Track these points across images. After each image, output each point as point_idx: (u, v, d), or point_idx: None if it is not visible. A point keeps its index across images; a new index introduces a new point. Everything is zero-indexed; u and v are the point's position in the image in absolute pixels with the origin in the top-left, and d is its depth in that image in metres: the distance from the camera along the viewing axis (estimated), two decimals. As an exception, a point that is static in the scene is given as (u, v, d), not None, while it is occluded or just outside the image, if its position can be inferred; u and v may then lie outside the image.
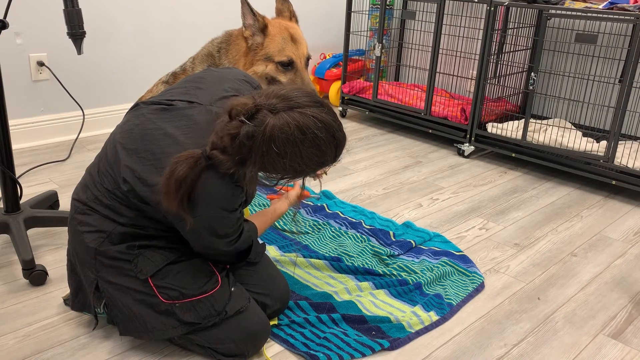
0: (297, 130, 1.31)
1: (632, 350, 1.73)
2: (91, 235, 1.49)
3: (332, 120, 1.38)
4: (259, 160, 1.34)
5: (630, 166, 2.79)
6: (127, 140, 1.47)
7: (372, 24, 4.22)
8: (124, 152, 1.45)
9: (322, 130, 1.34)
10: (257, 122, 1.32)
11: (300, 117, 1.32)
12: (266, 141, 1.31)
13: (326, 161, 1.41)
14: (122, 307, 1.50)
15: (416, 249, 2.23)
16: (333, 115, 1.40)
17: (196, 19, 3.61)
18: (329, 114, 1.39)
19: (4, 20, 1.87)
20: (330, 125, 1.37)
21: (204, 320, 1.49)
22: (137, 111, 1.53)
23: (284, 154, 1.32)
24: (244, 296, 1.56)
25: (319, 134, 1.34)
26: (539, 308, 1.92)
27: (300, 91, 1.39)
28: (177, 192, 1.32)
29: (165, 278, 1.48)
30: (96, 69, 3.29)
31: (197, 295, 1.49)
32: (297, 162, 1.35)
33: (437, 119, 3.52)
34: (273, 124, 1.31)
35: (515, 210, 2.67)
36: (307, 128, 1.32)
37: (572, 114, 3.50)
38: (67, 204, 2.44)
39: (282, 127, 1.31)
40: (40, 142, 3.15)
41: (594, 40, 2.76)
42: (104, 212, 1.48)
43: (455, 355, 1.66)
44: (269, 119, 1.31)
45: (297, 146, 1.32)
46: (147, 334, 1.50)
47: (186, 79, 1.62)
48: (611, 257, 2.28)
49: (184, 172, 1.31)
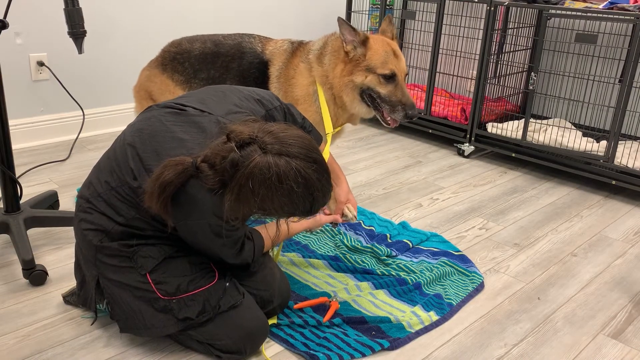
0: (275, 176, 1.33)
1: (632, 350, 1.73)
2: (92, 232, 1.53)
3: (316, 178, 1.38)
4: (235, 190, 1.36)
5: (630, 166, 2.79)
6: (136, 139, 1.51)
7: (372, 24, 4.22)
8: (132, 151, 1.49)
9: (301, 185, 1.35)
10: (244, 154, 1.34)
11: (284, 165, 1.33)
12: (245, 175, 1.33)
13: (297, 213, 1.43)
14: (122, 304, 1.53)
15: (414, 249, 2.23)
16: (320, 174, 1.40)
17: (196, 19, 3.60)
18: (317, 171, 1.39)
19: (4, 20, 1.87)
20: (312, 183, 1.37)
21: (198, 317, 1.51)
22: (149, 112, 1.58)
23: (257, 193, 1.34)
24: (238, 291, 1.58)
25: (296, 188, 1.35)
26: (539, 308, 1.92)
27: (299, 141, 1.39)
28: (160, 195, 1.36)
29: (163, 273, 1.51)
30: (96, 69, 3.29)
31: (193, 290, 1.51)
32: (267, 205, 1.37)
33: (437, 119, 3.52)
34: (256, 162, 1.32)
35: (515, 210, 2.67)
36: (285, 178, 1.33)
37: (572, 114, 3.50)
38: (67, 204, 2.44)
39: (263, 169, 1.32)
40: (40, 142, 3.15)
41: (594, 40, 2.76)
42: (103, 209, 1.52)
43: (455, 355, 1.66)
44: (256, 156, 1.33)
45: (271, 191, 1.34)
46: (146, 330, 1.53)
47: (205, 88, 1.67)
48: (611, 257, 2.28)
49: (170, 177, 1.35)
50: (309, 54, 2.09)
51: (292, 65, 2.11)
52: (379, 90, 1.91)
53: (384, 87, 1.91)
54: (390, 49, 1.93)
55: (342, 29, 1.90)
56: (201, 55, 2.18)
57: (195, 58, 2.18)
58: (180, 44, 2.24)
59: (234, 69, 2.16)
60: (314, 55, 2.09)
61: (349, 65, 1.97)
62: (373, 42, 1.93)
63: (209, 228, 1.43)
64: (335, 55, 2.01)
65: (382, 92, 1.91)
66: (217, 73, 2.17)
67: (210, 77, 2.18)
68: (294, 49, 2.14)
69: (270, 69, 2.14)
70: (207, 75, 2.18)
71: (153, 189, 1.36)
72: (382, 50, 1.90)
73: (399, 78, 1.93)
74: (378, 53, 1.90)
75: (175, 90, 2.22)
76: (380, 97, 1.92)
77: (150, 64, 2.27)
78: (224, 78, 2.17)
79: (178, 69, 2.20)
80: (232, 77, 2.16)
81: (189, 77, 2.20)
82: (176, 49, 2.22)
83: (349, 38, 1.90)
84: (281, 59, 2.13)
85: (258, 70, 2.14)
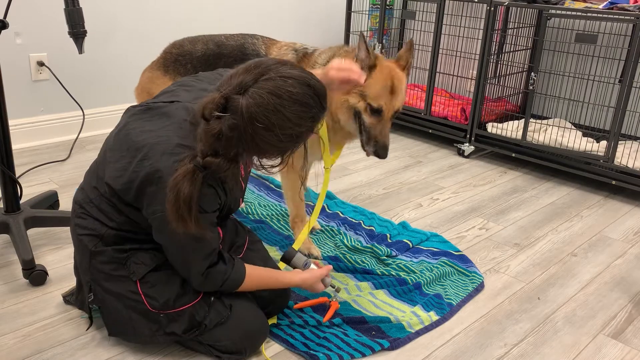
0: (270, 96, 1.27)
1: (632, 350, 1.73)
2: (87, 237, 1.52)
3: (299, 72, 1.34)
4: (251, 145, 1.31)
5: (630, 166, 2.79)
6: (111, 142, 1.50)
7: (372, 24, 4.22)
8: (109, 154, 1.48)
9: (295, 85, 1.30)
10: (232, 111, 1.29)
11: (267, 83, 1.29)
12: (249, 123, 1.27)
13: (315, 114, 1.36)
14: (112, 310, 1.53)
15: (414, 249, 2.23)
16: (299, 68, 1.35)
17: (196, 19, 3.61)
18: (294, 67, 1.34)
19: (4, 20, 1.87)
20: (300, 77, 1.32)
21: (184, 333, 1.50)
22: (125, 114, 1.56)
23: (271, 125, 1.29)
24: (224, 305, 1.54)
25: (294, 90, 1.30)
26: (539, 308, 1.92)
27: (253, 62, 1.34)
28: (189, 212, 1.30)
29: (153, 286, 1.50)
30: (96, 69, 3.29)
31: (179, 307, 1.49)
32: (288, 127, 1.31)
33: (437, 119, 3.52)
34: (246, 104, 1.27)
35: (515, 210, 2.67)
36: (279, 89, 1.28)
37: (572, 114, 3.50)
38: (67, 204, 2.44)
39: (256, 101, 1.27)
40: (40, 142, 3.15)
41: (594, 40, 2.76)
42: (96, 215, 1.51)
43: (455, 355, 1.66)
44: (241, 101, 1.28)
45: (279, 111, 1.29)
46: (134, 337, 1.54)
47: (179, 82, 1.62)
48: (611, 257, 2.28)
49: (188, 189, 1.29)
50: (315, 67, 2.07)
51: None
52: (364, 118, 1.92)
53: (369, 117, 1.91)
54: (391, 83, 1.90)
55: (360, 45, 1.89)
56: (203, 56, 2.17)
57: (198, 60, 2.17)
58: (182, 45, 2.23)
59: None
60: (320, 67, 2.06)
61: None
62: (377, 71, 1.90)
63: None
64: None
65: (366, 122, 1.92)
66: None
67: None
68: (298, 58, 2.12)
69: None
70: None
71: (180, 211, 1.30)
72: (381, 83, 1.89)
73: (386, 115, 1.91)
74: (376, 85, 1.89)
75: None
76: (364, 125, 1.93)
77: (151, 66, 2.26)
78: None
79: (180, 70, 2.19)
80: None
81: None
82: (178, 50, 2.21)
83: (362, 56, 1.90)
84: None
85: None
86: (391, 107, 1.92)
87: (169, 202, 1.30)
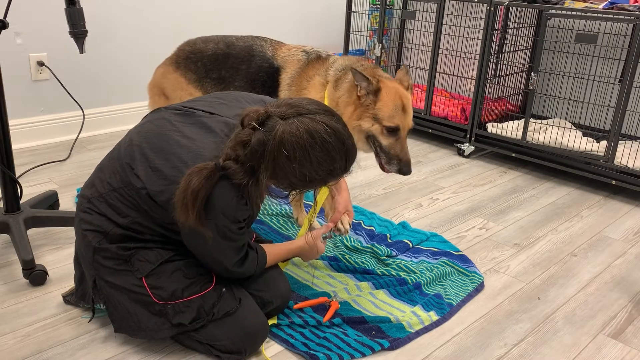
0: (306, 134, 1.35)
1: (632, 350, 1.73)
2: (91, 233, 1.53)
3: (341, 128, 1.41)
4: (270, 166, 1.37)
5: (630, 166, 2.79)
6: (143, 140, 1.51)
7: (372, 24, 4.22)
8: (138, 151, 1.49)
9: (332, 135, 1.38)
10: (268, 128, 1.36)
11: (309, 122, 1.36)
12: (277, 145, 1.34)
13: (336, 169, 1.43)
14: (118, 305, 1.54)
15: (414, 249, 2.23)
16: (343, 124, 1.43)
17: (196, 19, 3.61)
18: (339, 122, 1.42)
19: (4, 20, 1.87)
20: (340, 132, 1.40)
21: (191, 323, 1.51)
22: (157, 113, 1.59)
23: (293, 158, 1.35)
24: (234, 297, 1.57)
25: (328, 139, 1.37)
26: (539, 308, 1.92)
27: (310, 100, 1.43)
28: (194, 204, 1.34)
29: (159, 278, 1.51)
30: (96, 69, 3.29)
31: (188, 297, 1.51)
32: (307, 168, 1.38)
33: (437, 118, 3.52)
34: (283, 129, 1.35)
35: (515, 210, 2.67)
36: (316, 132, 1.36)
37: (572, 114, 3.50)
38: (67, 204, 2.44)
39: (292, 132, 1.34)
40: (40, 142, 3.15)
41: (594, 40, 2.76)
42: (104, 211, 1.52)
43: (455, 355, 1.66)
44: (279, 125, 1.35)
45: (307, 150, 1.35)
46: (140, 332, 1.54)
47: (214, 93, 1.68)
48: (611, 257, 2.28)
49: (199, 183, 1.34)
50: (329, 70, 2.09)
51: (306, 76, 2.12)
52: (380, 141, 1.95)
53: (386, 139, 1.94)
54: (401, 102, 1.94)
55: (357, 78, 1.93)
56: (213, 55, 2.22)
57: (208, 58, 2.23)
58: (195, 43, 2.29)
59: (242, 70, 2.18)
60: (333, 73, 2.08)
61: (359, 110, 1.98)
62: (385, 93, 1.94)
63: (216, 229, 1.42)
64: (349, 92, 2.01)
65: (384, 143, 1.95)
66: (227, 74, 2.21)
67: (221, 77, 2.21)
68: (309, 59, 2.15)
69: (282, 75, 2.15)
70: (218, 75, 2.21)
71: (185, 200, 1.34)
72: (392, 103, 1.93)
73: (402, 133, 1.96)
74: (387, 106, 1.93)
75: (187, 88, 2.25)
76: (381, 147, 1.95)
77: (165, 62, 2.32)
78: (233, 79, 2.20)
79: (191, 67, 2.24)
80: (241, 78, 2.19)
81: (201, 76, 2.23)
82: (190, 48, 2.27)
83: (364, 85, 1.92)
84: (294, 67, 2.14)
85: (267, 74, 2.16)
86: (406, 125, 1.97)
87: (179, 190, 1.36)
